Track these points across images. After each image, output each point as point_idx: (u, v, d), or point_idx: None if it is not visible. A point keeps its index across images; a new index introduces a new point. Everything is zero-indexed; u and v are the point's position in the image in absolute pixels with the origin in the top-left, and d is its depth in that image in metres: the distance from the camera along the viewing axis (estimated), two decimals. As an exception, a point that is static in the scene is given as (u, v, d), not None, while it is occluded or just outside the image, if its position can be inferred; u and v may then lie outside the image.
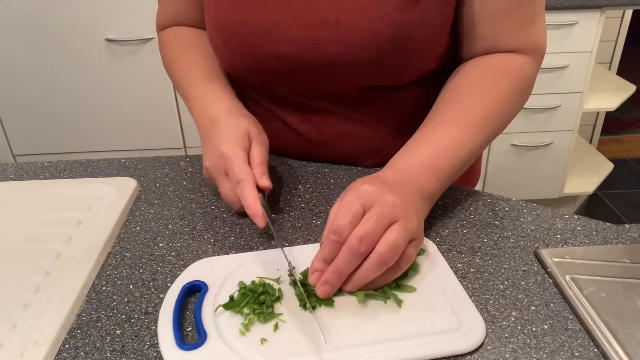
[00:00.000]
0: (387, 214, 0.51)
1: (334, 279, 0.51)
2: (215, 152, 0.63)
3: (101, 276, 0.58)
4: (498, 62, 0.67)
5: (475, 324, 0.50)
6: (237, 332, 0.49)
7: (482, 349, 0.48)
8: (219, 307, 0.52)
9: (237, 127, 0.64)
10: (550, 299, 0.54)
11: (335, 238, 0.51)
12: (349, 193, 0.54)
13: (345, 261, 0.50)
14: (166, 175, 0.77)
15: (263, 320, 0.50)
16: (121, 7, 1.73)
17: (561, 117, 1.97)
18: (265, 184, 0.61)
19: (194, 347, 0.48)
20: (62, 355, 0.49)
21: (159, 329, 0.50)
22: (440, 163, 0.60)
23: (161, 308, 0.53)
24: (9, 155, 1.97)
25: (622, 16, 2.20)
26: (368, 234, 0.50)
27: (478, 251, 0.60)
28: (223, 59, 0.73)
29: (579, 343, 0.49)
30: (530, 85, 0.69)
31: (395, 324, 0.50)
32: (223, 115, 0.66)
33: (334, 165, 0.77)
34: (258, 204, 0.58)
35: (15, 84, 1.84)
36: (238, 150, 0.62)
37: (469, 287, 0.55)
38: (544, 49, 0.69)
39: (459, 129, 0.62)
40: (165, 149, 1.97)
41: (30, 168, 0.80)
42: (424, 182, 0.58)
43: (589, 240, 0.62)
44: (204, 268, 0.58)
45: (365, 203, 0.52)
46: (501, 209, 0.67)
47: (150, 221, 0.67)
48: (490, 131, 0.64)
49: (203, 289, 0.54)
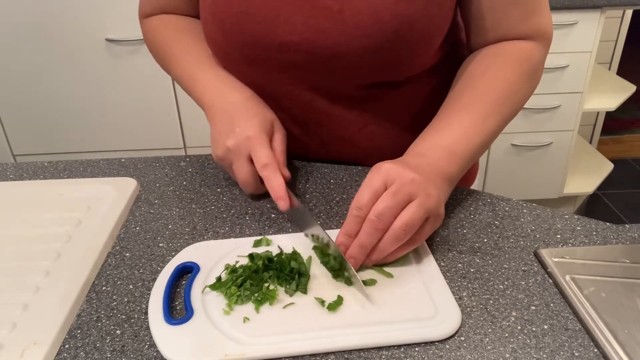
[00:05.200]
0: (406, 190, 0.54)
1: (358, 252, 0.54)
2: (242, 134, 0.65)
3: (101, 276, 0.58)
4: (507, 49, 0.69)
5: (451, 313, 0.51)
6: (222, 311, 0.52)
7: (482, 349, 0.48)
8: (205, 287, 0.54)
9: (264, 115, 0.68)
10: (550, 299, 0.54)
11: (357, 213, 0.54)
12: (371, 172, 0.56)
13: (367, 236, 0.54)
14: (166, 175, 0.77)
15: (241, 302, 0.53)
16: (121, 7, 1.72)
17: (561, 117, 1.97)
18: (287, 173, 0.66)
19: (180, 323, 0.50)
20: (62, 355, 0.49)
21: (150, 305, 0.53)
22: (458, 147, 0.62)
23: (153, 287, 0.55)
24: (9, 155, 1.97)
25: (622, 16, 2.20)
26: (386, 209, 0.53)
27: (478, 251, 0.60)
28: (219, 51, 0.72)
29: (579, 343, 0.49)
30: (539, 70, 0.71)
31: (373, 309, 0.52)
32: (247, 102, 0.69)
33: (334, 165, 0.77)
34: (284, 187, 0.63)
35: (15, 84, 1.84)
36: (264, 135, 0.65)
37: (469, 287, 0.55)
38: (551, 34, 0.71)
39: (474, 115, 0.64)
40: (165, 149, 1.97)
41: (30, 168, 0.80)
42: (443, 165, 0.60)
43: (589, 240, 0.62)
44: (198, 250, 0.60)
45: (386, 179, 0.55)
46: (501, 209, 0.67)
47: (150, 221, 0.67)
48: (503, 116, 0.66)
49: (195, 269, 0.57)
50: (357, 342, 0.48)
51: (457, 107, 0.66)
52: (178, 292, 0.55)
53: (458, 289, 0.55)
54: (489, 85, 0.66)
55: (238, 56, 0.70)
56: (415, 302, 0.53)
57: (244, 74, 0.74)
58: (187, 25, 0.79)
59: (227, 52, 0.71)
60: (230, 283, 0.54)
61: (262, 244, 0.61)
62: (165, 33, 0.80)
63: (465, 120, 0.63)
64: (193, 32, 0.78)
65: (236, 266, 0.57)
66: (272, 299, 0.53)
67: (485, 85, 0.66)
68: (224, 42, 0.69)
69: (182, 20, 0.80)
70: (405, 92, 0.73)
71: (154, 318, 0.51)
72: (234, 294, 0.53)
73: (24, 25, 1.74)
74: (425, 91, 0.74)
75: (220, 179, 0.75)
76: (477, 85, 0.67)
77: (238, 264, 0.57)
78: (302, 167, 0.77)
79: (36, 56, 1.79)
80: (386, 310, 0.52)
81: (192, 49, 0.76)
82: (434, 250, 0.60)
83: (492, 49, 0.70)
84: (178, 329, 0.50)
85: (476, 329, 0.51)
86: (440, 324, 0.50)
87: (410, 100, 0.74)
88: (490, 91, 0.66)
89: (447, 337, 0.49)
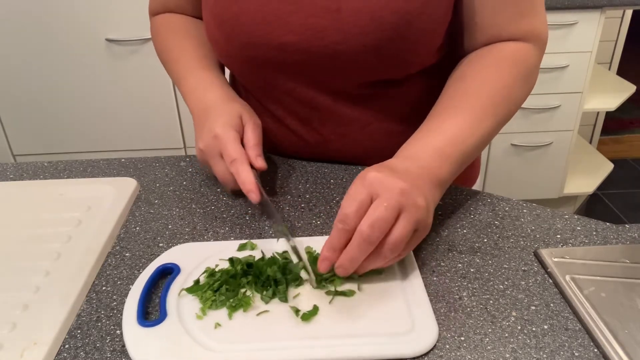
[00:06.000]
0: (394, 202, 0.51)
1: (348, 264, 0.52)
2: (209, 135, 0.65)
3: (101, 276, 0.58)
4: (501, 50, 0.68)
5: (428, 330, 0.49)
6: (195, 315, 0.51)
7: (482, 349, 0.48)
8: (182, 290, 0.54)
9: (230, 111, 0.67)
10: (550, 299, 0.54)
11: (342, 226, 0.52)
12: (355, 182, 0.54)
13: (358, 248, 0.51)
14: (166, 175, 0.77)
15: (215, 307, 0.52)
16: (121, 7, 1.72)
17: (561, 117, 1.97)
18: (260, 164, 0.65)
19: (152, 325, 0.50)
20: (62, 355, 0.49)
21: (125, 306, 0.52)
22: (450, 149, 0.60)
23: (132, 287, 0.55)
24: (9, 155, 1.97)
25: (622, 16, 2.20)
26: (379, 221, 0.50)
27: (478, 251, 0.60)
28: (221, 52, 0.73)
29: (579, 343, 0.49)
30: (534, 73, 0.69)
31: (348, 321, 0.51)
32: (217, 102, 0.69)
33: (334, 165, 0.77)
34: (253, 180, 0.62)
35: (15, 84, 1.84)
36: (230, 131, 0.65)
37: (469, 287, 0.55)
38: (546, 36, 0.70)
39: (467, 117, 0.62)
40: (165, 149, 1.97)
41: (30, 168, 0.80)
42: (434, 168, 0.58)
43: (589, 240, 0.61)
44: (182, 252, 0.60)
45: (372, 191, 0.52)
46: (501, 209, 0.67)
47: (150, 221, 0.67)
48: (497, 119, 0.64)
49: (175, 271, 0.56)
50: (323, 355, 0.47)
51: (449, 108, 0.64)
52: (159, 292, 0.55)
53: (458, 289, 0.55)
54: (482, 85, 0.65)
55: (239, 56, 0.70)
56: (392, 316, 0.51)
57: (245, 74, 0.75)
58: (186, 26, 0.80)
59: (228, 53, 0.71)
60: (207, 287, 0.53)
61: (246, 248, 0.60)
62: (165, 34, 0.80)
63: (458, 122, 0.62)
64: (191, 33, 0.78)
65: (215, 270, 0.56)
66: (247, 305, 0.52)
67: (479, 86, 0.65)
68: (225, 43, 0.70)
69: (183, 21, 0.81)
70: (407, 90, 0.73)
71: (127, 318, 0.51)
72: (209, 299, 0.52)
73: (24, 25, 1.74)
74: (428, 90, 0.73)
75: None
76: (470, 85, 0.65)
77: (218, 267, 0.56)
78: (302, 167, 0.77)
79: (36, 56, 1.79)
80: (361, 323, 0.50)
81: (185, 51, 0.76)
82: (434, 250, 0.60)
83: (486, 50, 0.69)
84: (149, 331, 0.49)
85: (476, 329, 0.51)
86: (414, 340, 0.48)
87: (412, 98, 0.74)
88: (485, 92, 0.64)
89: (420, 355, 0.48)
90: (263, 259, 0.57)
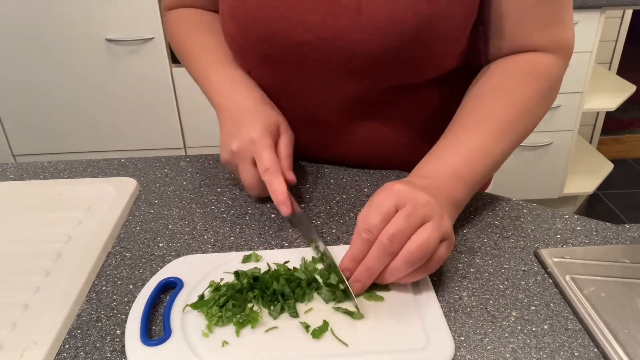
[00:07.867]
0: (420, 212, 0.50)
1: (364, 276, 0.51)
2: (246, 137, 0.64)
3: (101, 276, 0.58)
4: (524, 62, 0.66)
5: (444, 345, 0.47)
6: (201, 332, 0.49)
7: (482, 349, 0.48)
8: (186, 306, 0.52)
9: (270, 118, 0.66)
10: (550, 299, 0.54)
11: (367, 236, 0.51)
12: (381, 192, 0.53)
13: (376, 259, 0.50)
14: (166, 175, 0.77)
15: (221, 324, 0.50)
16: (121, 7, 1.72)
17: (561, 117, 1.97)
18: (291, 177, 0.64)
19: (157, 344, 0.48)
20: (62, 355, 0.49)
21: (128, 323, 0.50)
22: (466, 170, 0.59)
23: (134, 303, 0.53)
24: (9, 155, 1.97)
25: (622, 16, 2.20)
26: (399, 232, 0.49)
27: (478, 251, 0.60)
28: (235, 47, 0.71)
29: (579, 343, 0.49)
30: (557, 86, 0.67)
31: (360, 337, 0.48)
32: (255, 103, 0.67)
33: (334, 165, 0.77)
34: (285, 192, 0.61)
35: (15, 84, 1.84)
36: (268, 139, 0.64)
37: (469, 287, 0.55)
38: (572, 47, 0.67)
39: (485, 134, 0.61)
40: (165, 149, 1.97)
41: (30, 168, 0.80)
42: (450, 189, 0.57)
43: (589, 240, 0.62)
44: (184, 264, 0.58)
45: (398, 202, 0.51)
46: (501, 209, 0.67)
47: (150, 221, 0.67)
48: (516, 136, 0.62)
49: (178, 285, 0.54)
50: None
51: (467, 126, 0.62)
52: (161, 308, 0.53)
53: (458, 289, 0.55)
54: (502, 103, 0.63)
55: (254, 53, 0.69)
56: (405, 332, 0.49)
57: (258, 71, 0.72)
58: (204, 21, 0.78)
59: (243, 49, 0.70)
60: (212, 302, 0.51)
61: (251, 260, 0.58)
62: (182, 29, 0.78)
63: (475, 141, 0.60)
64: (209, 29, 0.77)
65: (220, 284, 0.53)
66: (255, 321, 0.49)
67: (498, 103, 0.63)
68: (241, 39, 0.68)
69: (200, 15, 0.79)
70: (420, 97, 0.71)
71: (130, 337, 0.48)
72: (215, 315, 0.50)
73: (24, 26, 1.74)
74: (442, 97, 0.72)
75: (220, 179, 0.75)
76: (490, 101, 0.63)
77: (223, 281, 0.54)
78: (302, 167, 0.77)
79: (36, 56, 1.79)
80: (373, 339, 0.48)
81: (206, 47, 0.75)
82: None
83: (508, 61, 0.66)
84: (155, 350, 0.47)
85: (476, 329, 0.51)
86: (431, 356, 0.46)
87: (425, 106, 0.72)
88: (504, 111, 0.62)
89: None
90: (268, 272, 0.55)
